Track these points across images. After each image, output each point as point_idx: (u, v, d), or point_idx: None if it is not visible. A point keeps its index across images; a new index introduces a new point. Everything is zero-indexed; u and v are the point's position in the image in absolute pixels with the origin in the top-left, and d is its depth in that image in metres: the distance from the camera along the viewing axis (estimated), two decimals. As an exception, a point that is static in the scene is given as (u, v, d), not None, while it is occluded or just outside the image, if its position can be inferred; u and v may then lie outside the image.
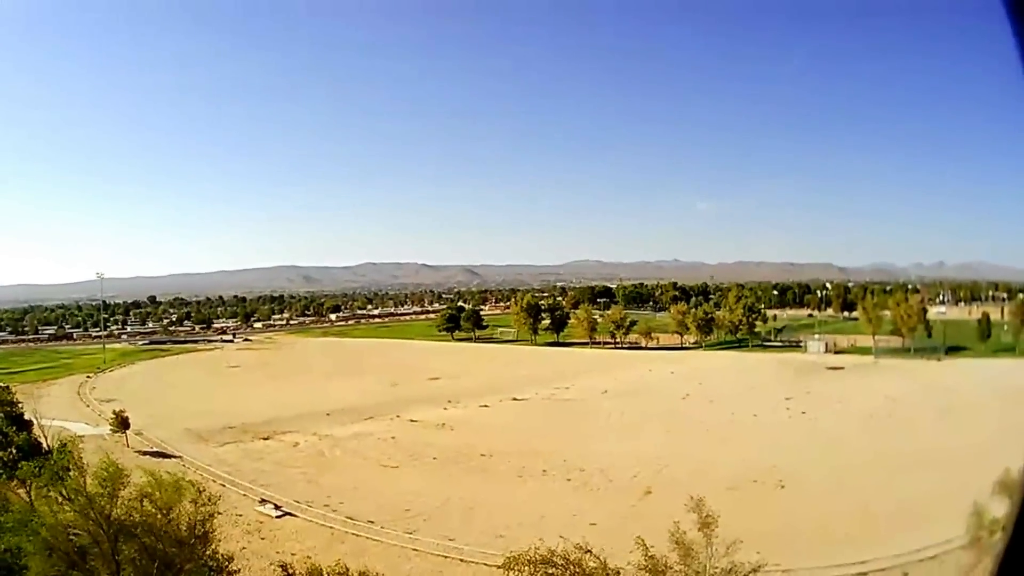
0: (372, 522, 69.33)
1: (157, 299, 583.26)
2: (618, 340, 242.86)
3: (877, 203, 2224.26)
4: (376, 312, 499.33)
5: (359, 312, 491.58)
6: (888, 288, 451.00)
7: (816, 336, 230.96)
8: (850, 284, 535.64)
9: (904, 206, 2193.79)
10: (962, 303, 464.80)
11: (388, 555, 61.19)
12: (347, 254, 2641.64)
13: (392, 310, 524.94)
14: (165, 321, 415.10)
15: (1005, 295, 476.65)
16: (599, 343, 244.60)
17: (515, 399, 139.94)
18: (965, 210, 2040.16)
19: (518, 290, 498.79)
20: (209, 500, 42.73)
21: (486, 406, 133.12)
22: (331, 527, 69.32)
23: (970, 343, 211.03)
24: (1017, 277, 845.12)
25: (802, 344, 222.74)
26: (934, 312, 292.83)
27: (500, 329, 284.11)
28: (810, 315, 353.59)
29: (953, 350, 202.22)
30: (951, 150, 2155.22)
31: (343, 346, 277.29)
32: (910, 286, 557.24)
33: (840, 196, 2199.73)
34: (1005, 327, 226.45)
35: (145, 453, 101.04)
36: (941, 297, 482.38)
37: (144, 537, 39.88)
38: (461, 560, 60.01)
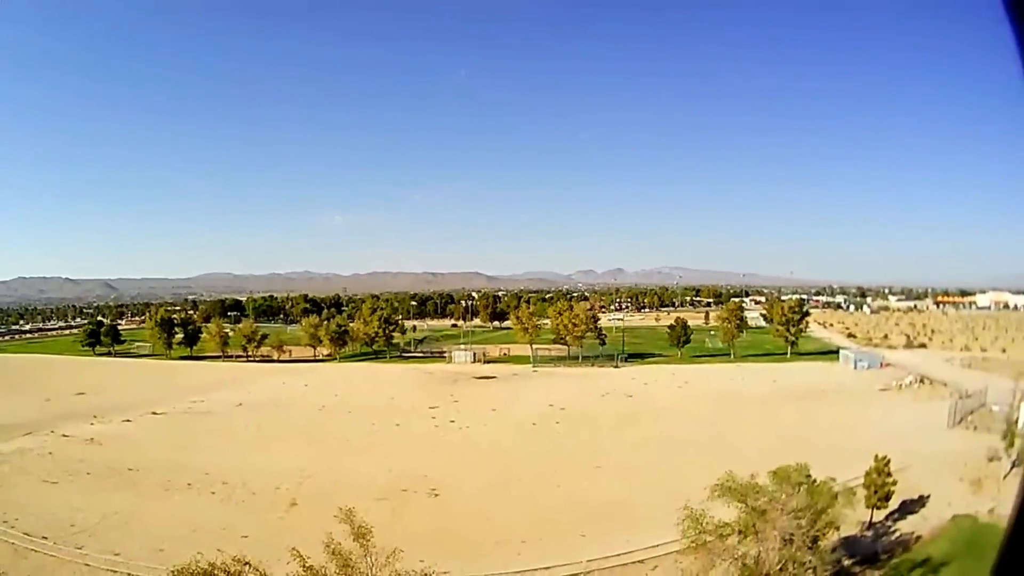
0: (46, 538, 70.29)
1: None
2: (250, 353, 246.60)
3: (535, 212, 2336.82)
4: (28, 327, 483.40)
5: (13, 328, 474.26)
6: (547, 296, 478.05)
7: (462, 346, 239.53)
8: (501, 293, 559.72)
9: (571, 214, 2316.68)
10: (647, 309, 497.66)
11: (65, 571, 62.83)
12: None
13: (41, 325, 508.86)
14: None
15: (710, 300, 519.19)
16: (231, 357, 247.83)
17: (154, 413, 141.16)
18: (648, 216, 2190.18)
19: (152, 304, 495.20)
20: None
21: (129, 420, 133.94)
22: (13, 543, 69.73)
23: (664, 349, 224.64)
24: (714, 279, 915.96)
25: (446, 355, 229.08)
26: (608, 319, 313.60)
27: (136, 344, 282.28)
28: (454, 325, 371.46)
29: (639, 357, 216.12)
30: (627, 153, 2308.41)
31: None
32: (576, 294, 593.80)
33: (493, 207, 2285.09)
34: (712, 332, 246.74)
35: None
36: (617, 304, 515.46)
37: None
38: (129, 575, 62.03)
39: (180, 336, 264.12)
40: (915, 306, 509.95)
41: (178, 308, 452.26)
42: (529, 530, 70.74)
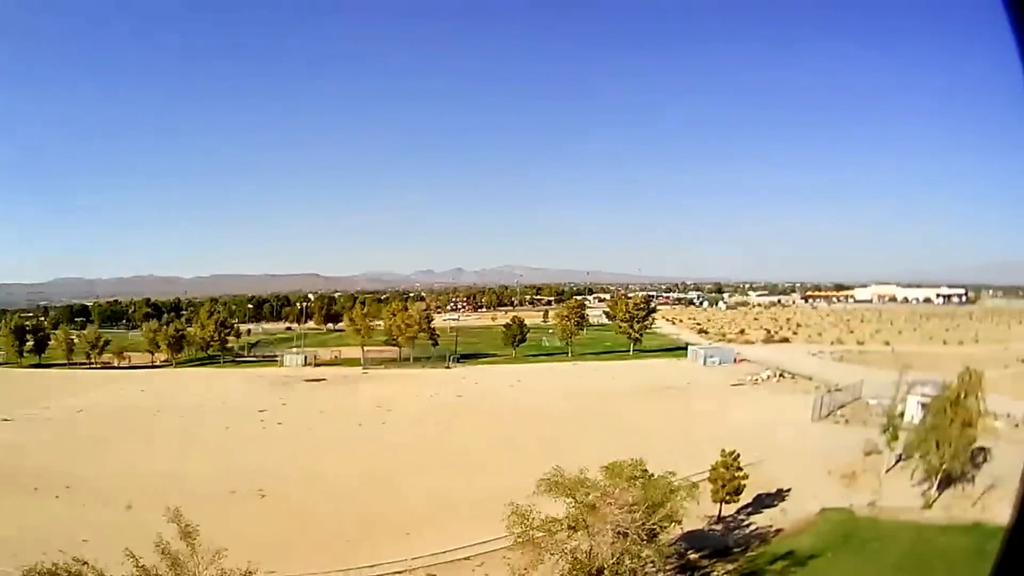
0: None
1: None
2: (93, 360, 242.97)
3: (372, 210, 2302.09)
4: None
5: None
6: (383, 297, 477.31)
7: (294, 349, 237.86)
8: (337, 294, 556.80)
9: (409, 212, 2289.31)
10: (484, 309, 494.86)
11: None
12: None
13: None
14: None
15: (551, 299, 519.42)
16: (76, 364, 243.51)
17: (5, 420, 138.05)
18: (489, 215, 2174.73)
19: (8, 310, 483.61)
20: None
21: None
22: None
23: (499, 349, 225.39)
24: (557, 278, 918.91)
25: (279, 358, 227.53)
26: (443, 319, 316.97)
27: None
28: (288, 328, 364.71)
29: (473, 357, 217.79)
30: (464, 151, 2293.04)
31: None
32: (413, 294, 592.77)
33: (330, 206, 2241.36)
34: (550, 331, 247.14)
35: None
36: (453, 304, 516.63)
37: None
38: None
39: (31, 343, 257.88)
40: (779, 301, 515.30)
41: (31, 315, 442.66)
42: (355, 529, 72.46)
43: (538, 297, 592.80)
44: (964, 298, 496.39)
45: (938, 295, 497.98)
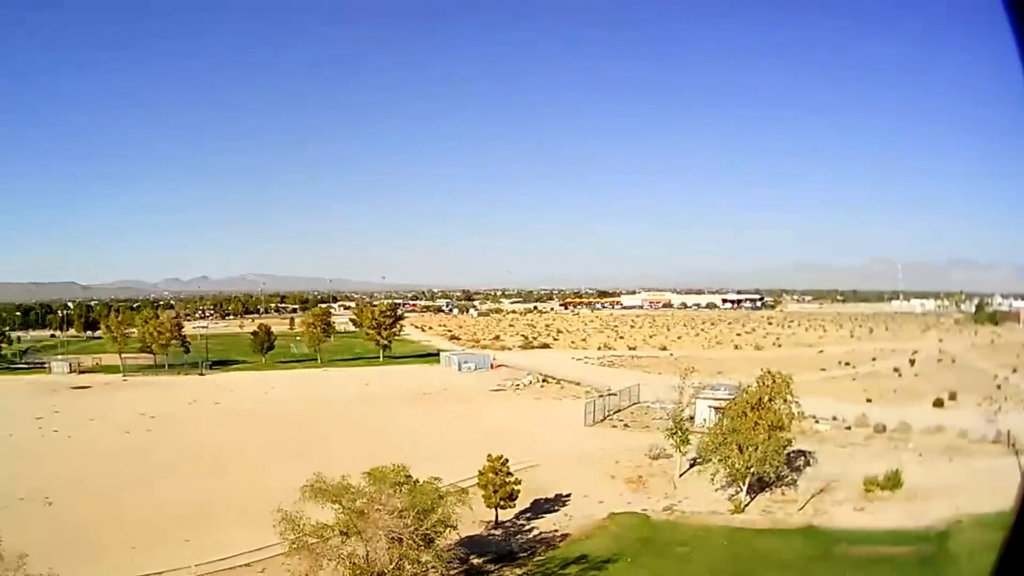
0: None
1: None
2: None
3: (119, 218, 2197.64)
4: None
5: None
6: (135, 305, 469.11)
7: (60, 357, 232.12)
8: (94, 303, 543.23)
9: (153, 218, 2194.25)
10: (231, 316, 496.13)
11: None
12: None
13: None
14: None
15: (296, 306, 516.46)
16: None
17: None
18: (231, 222, 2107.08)
19: None
20: None
21: None
22: None
23: (248, 356, 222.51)
24: (301, 286, 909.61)
25: (47, 365, 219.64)
26: (192, 327, 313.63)
27: None
28: (52, 336, 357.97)
29: (224, 364, 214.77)
30: (202, 157, 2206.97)
31: None
32: (162, 302, 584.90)
33: (83, 212, 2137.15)
34: (298, 338, 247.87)
35: None
36: (201, 312, 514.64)
37: None
38: None
39: None
40: (535, 308, 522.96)
41: None
42: (140, 534, 69.72)
43: (283, 305, 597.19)
44: (759, 303, 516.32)
45: (724, 300, 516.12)
